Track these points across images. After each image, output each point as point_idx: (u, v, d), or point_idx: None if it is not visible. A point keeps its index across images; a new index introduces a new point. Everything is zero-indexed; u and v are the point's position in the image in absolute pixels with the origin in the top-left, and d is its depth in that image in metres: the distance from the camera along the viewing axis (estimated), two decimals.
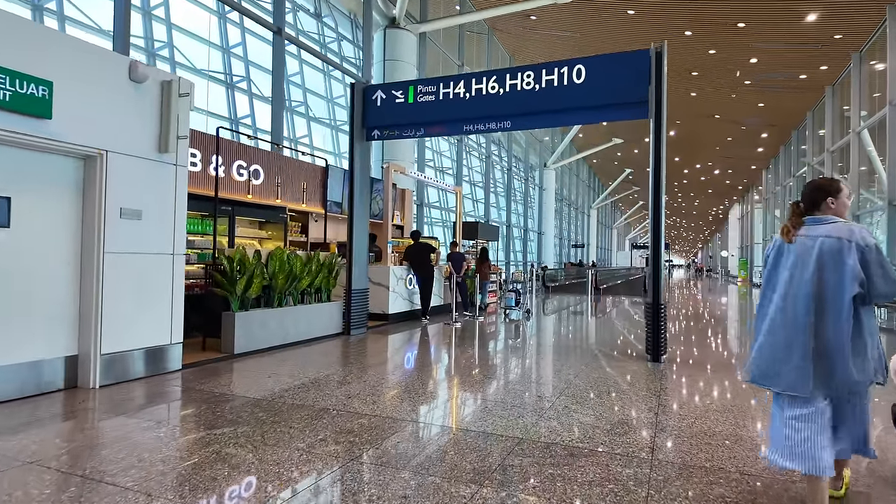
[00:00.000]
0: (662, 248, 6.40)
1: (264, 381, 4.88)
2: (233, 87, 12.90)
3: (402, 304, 9.64)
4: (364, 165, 8.11)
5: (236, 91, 13.08)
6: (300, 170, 9.66)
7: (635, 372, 5.60)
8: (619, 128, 30.57)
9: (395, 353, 6.71)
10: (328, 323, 7.53)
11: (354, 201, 7.91)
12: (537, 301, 15.60)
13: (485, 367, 5.85)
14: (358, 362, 5.86)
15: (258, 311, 6.35)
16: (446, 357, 6.46)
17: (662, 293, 6.34)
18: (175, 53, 11.54)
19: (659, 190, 6.38)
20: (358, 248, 7.96)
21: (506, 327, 9.48)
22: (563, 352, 6.85)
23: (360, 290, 7.96)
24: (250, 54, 13.59)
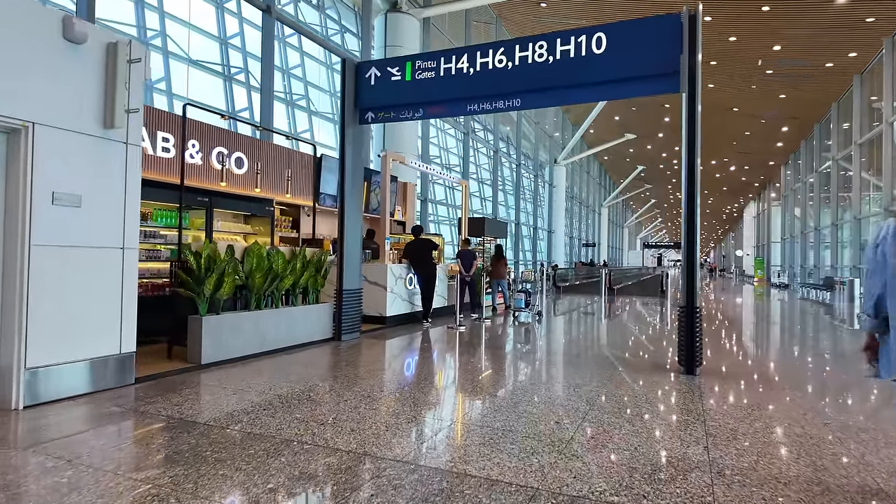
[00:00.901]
0: (697, 244, 5.52)
1: (226, 399, 4.07)
2: (230, 79, 12.17)
3: (401, 306, 8.83)
4: (357, 153, 7.31)
5: (234, 83, 12.36)
6: (291, 160, 8.88)
7: (669, 388, 4.73)
8: (631, 123, 29.58)
9: (387, 363, 5.89)
10: (316, 327, 6.73)
11: (346, 193, 7.10)
12: (548, 302, 14.72)
13: (491, 381, 5.01)
14: (343, 375, 5.04)
15: (231, 315, 5.56)
16: (446, 369, 5.62)
17: (697, 296, 5.46)
18: (168, 43, 10.84)
19: (693, 179, 5.52)
20: (350, 245, 7.15)
21: (515, 331, 8.62)
22: (581, 362, 5.99)
23: (352, 291, 7.15)
24: (249, 45, 12.86)
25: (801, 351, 7.34)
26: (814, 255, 26.70)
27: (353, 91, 7.12)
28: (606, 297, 17.12)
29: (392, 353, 6.34)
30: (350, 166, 7.14)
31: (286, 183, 8.71)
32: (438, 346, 7.04)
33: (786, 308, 15.16)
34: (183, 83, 10.67)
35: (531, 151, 29.02)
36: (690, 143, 5.52)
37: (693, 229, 5.49)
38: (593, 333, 8.72)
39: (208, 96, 11.07)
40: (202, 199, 6.90)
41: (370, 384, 4.65)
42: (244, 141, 7.93)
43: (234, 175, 7.69)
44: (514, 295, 10.63)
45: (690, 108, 5.54)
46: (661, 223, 78.65)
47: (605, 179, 49.71)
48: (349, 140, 7.14)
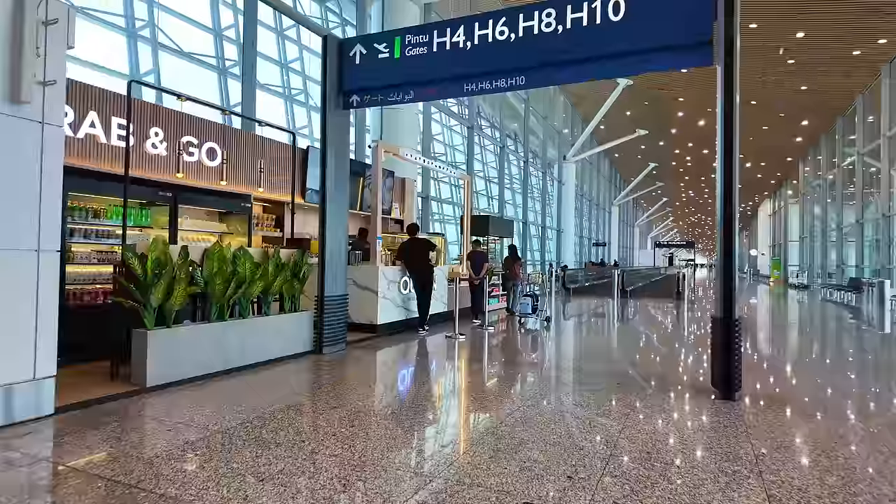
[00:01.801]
0: (735, 241, 4.64)
1: (157, 438, 3.27)
2: (225, 73, 11.42)
3: (394, 313, 8.00)
4: (341, 142, 6.49)
5: (229, 77, 11.60)
6: (274, 152, 8.09)
7: (706, 420, 3.86)
8: (643, 118, 28.56)
9: (372, 383, 5.05)
10: (293, 339, 5.92)
11: (328, 188, 6.29)
12: (557, 304, 13.84)
13: (489, 412, 4.17)
14: (313, 401, 4.23)
15: (186, 328, 4.76)
16: (436, 395, 4.78)
17: (736, 305, 4.58)
18: (158, 34, 10.10)
19: (731, 168, 4.63)
20: (333, 246, 6.34)
21: (521, 341, 7.77)
22: (597, 382, 5.13)
23: (336, 297, 6.34)
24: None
25: (858, 368, 6.42)
26: (836, 254, 25.53)
27: (336, 72, 6.31)
28: (619, 299, 16.20)
29: (378, 370, 5.51)
30: (333, 157, 6.33)
31: (268, 177, 7.92)
32: (434, 359, 6.21)
33: (813, 312, 14.15)
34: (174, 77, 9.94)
35: (539, 148, 28.10)
36: (727, 127, 4.63)
37: (730, 225, 4.61)
38: (609, 344, 7.84)
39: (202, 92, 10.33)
40: (164, 193, 6.11)
41: (342, 415, 3.82)
42: (218, 130, 7.14)
43: (205, 168, 6.90)
44: (521, 299, 9.78)
45: (727, 86, 4.64)
46: (672, 222, 77.26)
47: (616, 177, 48.62)
48: (332, 127, 6.32)
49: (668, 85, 23.63)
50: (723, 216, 4.63)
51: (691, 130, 29.97)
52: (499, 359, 6.30)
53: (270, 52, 12.82)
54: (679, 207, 63.83)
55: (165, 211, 6.25)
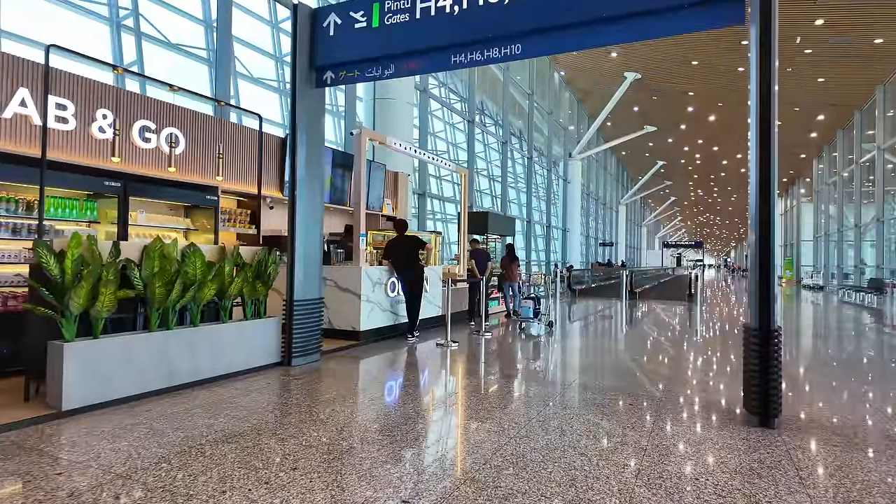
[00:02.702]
0: (775, 234, 3.84)
1: (37, 484, 2.53)
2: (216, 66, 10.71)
3: (380, 318, 7.24)
4: (314, 126, 5.74)
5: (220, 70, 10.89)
6: (249, 141, 7.35)
7: (743, 457, 3.07)
8: (652, 114, 27.69)
9: (336, 405, 4.28)
10: (257, 350, 5.18)
11: (298, 177, 5.53)
12: (562, 307, 13.03)
13: (473, 444, 3.40)
14: (261, 429, 3.47)
15: (116, 339, 4.02)
16: (414, 417, 4.01)
17: (776, 314, 3.78)
18: (142, 23, 9.41)
19: (768, 143, 3.86)
20: (304, 243, 5.59)
21: (520, 349, 7.00)
22: (608, 401, 4.34)
23: (308, 302, 5.58)
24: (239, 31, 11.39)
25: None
26: (853, 254, 24.55)
27: (307, 46, 5.56)
28: (627, 301, 15.37)
29: (346, 389, 4.74)
30: (304, 142, 5.57)
31: (243, 168, 7.19)
32: (415, 375, 5.44)
33: (838, 315, 13.26)
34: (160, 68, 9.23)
35: (544, 146, 27.29)
36: (764, 102, 3.85)
37: (767, 217, 3.82)
38: (618, 355, 7.03)
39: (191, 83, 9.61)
40: (112, 183, 5.38)
41: (285, 451, 3.06)
42: (181, 115, 6.41)
43: (165, 156, 6.17)
44: (522, 302, 9.00)
45: (763, 52, 3.86)
46: (680, 222, 76.12)
47: (623, 176, 47.70)
48: (303, 109, 5.57)
49: (677, 78, 22.76)
50: (758, 206, 3.84)
51: (701, 126, 29.07)
52: (493, 372, 5.52)
53: (265, 45, 12.12)
54: (687, 207, 62.75)
55: (112, 203, 5.52)
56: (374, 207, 9.74)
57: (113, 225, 5.55)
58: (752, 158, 3.93)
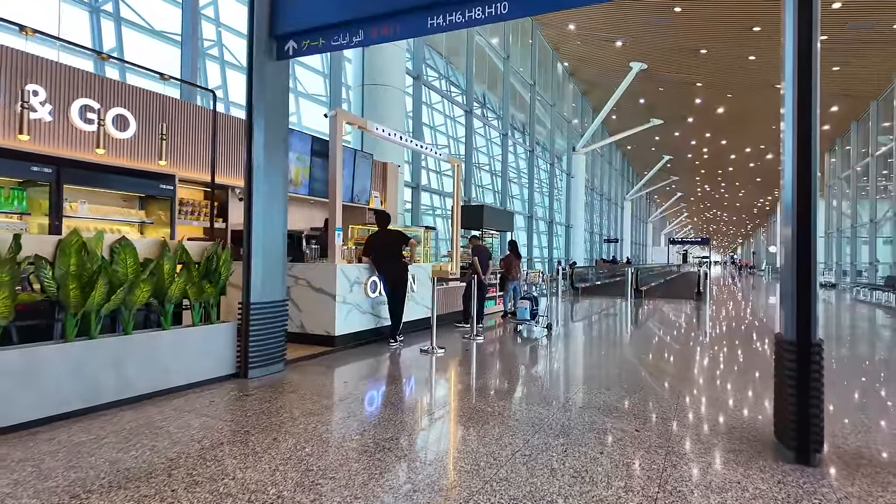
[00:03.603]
0: (815, 224, 3.12)
1: None
2: (203, 55, 10.05)
3: (358, 321, 6.56)
4: (276, 104, 5.04)
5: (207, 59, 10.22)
6: (210, 124, 6.67)
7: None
8: (658, 107, 26.86)
9: (288, 431, 3.59)
10: (205, 360, 4.50)
11: (255, 162, 4.85)
12: (564, 306, 12.32)
13: (445, 491, 2.70)
14: (176, 465, 2.79)
15: (10, 352, 3.34)
16: (375, 449, 3.32)
17: (817, 325, 3.06)
18: (121, 7, 8.76)
19: (808, 112, 3.16)
20: (263, 238, 4.90)
21: (515, 355, 6.30)
22: (610, 426, 3.64)
23: (267, 305, 4.90)
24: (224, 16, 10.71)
25: None
26: (868, 251, 23.67)
27: (266, 11, 4.86)
28: (633, 300, 14.63)
29: (305, 408, 4.05)
30: (263, 123, 4.88)
31: (208, 155, 6.52)
32: (390, 389, 4.76)
33: (860, 315, 12.48)
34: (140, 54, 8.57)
35: (547, 139, 26.50)
36: (804, 51, 3.14)
37: (807, 201, 3.10)
38: (625, 363, 6.32)
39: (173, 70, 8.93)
40: (40, 169, 4.71)
41: (194, 500, 2.38)
42: (130, 94, 5.73)
43: (112, 140, 5.50)
44: (519, 302, 8.30)
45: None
46: (686, 218, 75.10)
47: (629, 171, 46.81)
48: (262, 84, 4.88)
49: (684, 68, 21.92)
50: (795, 196, 3.12)
51: (709, 119, 28.21)
52: (477, 387, 4.83)
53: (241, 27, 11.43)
54: (694, 202, 61.78)
55: (43, 191, 4.86)
56: (359, 200, 9.06)
57: (39, 215, 4.89)
58: (786, 137, 3.22)
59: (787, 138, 3.21)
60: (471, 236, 9.14)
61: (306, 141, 7.79)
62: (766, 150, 33.36)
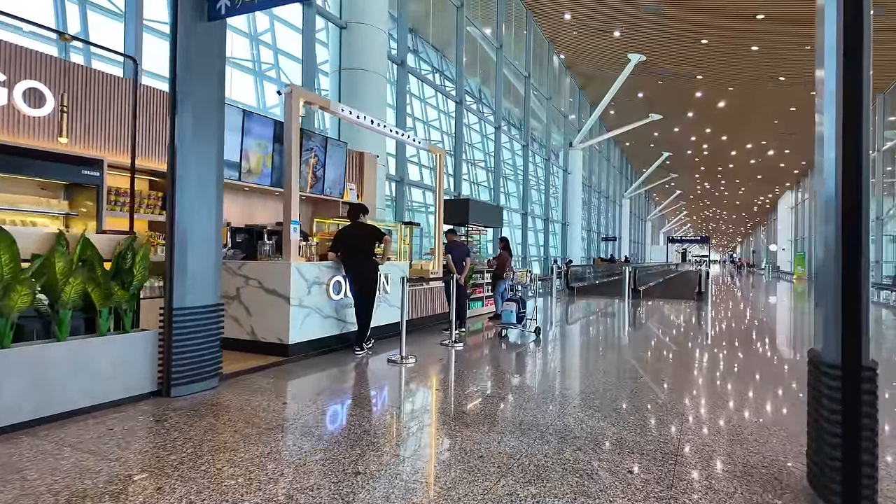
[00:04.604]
0: (867, 224, 2.37)
1: None
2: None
3: (319, 327, 5.80)
4: (207, 74, 4.28)
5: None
6: (156, 104, 5.91)
7: None
8: (657, 101, 26.12)
9: (183, 475, 2.85)
10: (114, 377, 3.75)
11: (180, 144, 4.09)
12: (557, 308, 11.59)
13: None
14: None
15: None
16: (310, 492, 2.58)
17: (867, 343, 2.32)
18: None
19: (858, 75, 2.40)
20: (192, 231, 4.15)
21: (496, 367, 5.56)
22: (599, 466, 2.90)
23: (196, 311, 4.15)
24: None
25: None
26: (874, 249, 22.96)
27: None
28: (631, 300, 13.90)
29: (230, 439, 3.30)
30: (193, 97, 4.13)
31: (156, 139, 5.76)
32: (339, 413, 4.01)
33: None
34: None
35: (543, 135, 25.74)
36: None
37: (856, 196, 2.36)
38: (621, 376, 5.57)
39: None
40: None
41: None
42: (46, 64, 4.97)
43: (23, 118, 4.74)
44: (504, 304, 7.56)
45: None
46: (685, 216, 74.42)
47: (627, 168, 46.08)
48: (190, 51, 4.12)
49: (684, 59, 21.17)
50: (840, 184, 2.38)
51: (709, 113, 27.47)
52: (445, 408, 4.09)
53: None
54: (693, 201, 61.07)
55: None
56: (332, 193, 8.31)
57: None
58: (826, 109, 2.49)
59: (827, 110, 2.47)
60: (447, 230, 8.38)
61: (267, 125, 7.04)
62: (768, 147, 32.63)
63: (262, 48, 12.29)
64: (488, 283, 9.72)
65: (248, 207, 7.41)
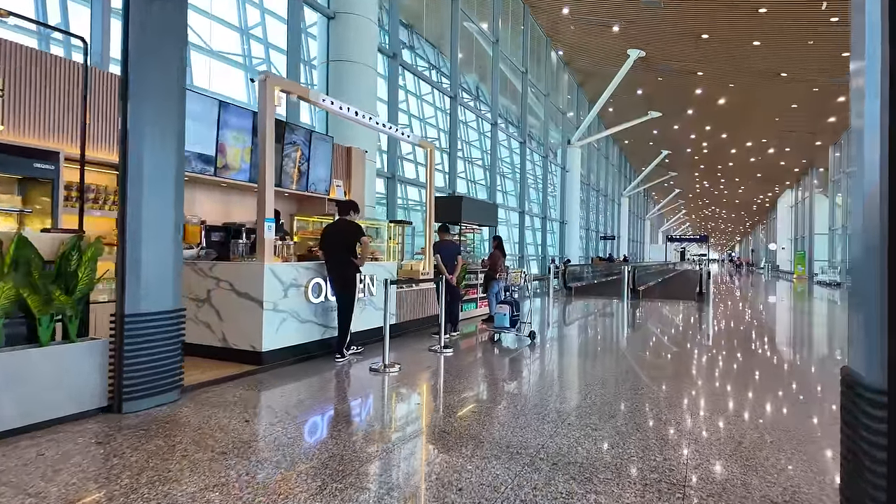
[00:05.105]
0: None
1: None
2: None
3: (296, 333, 5.41)
4: (166, 54, 3.89)
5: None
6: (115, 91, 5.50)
7: None
8: (656, 98, 25.74)
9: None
10: (57, 391, 3.36)
11: (132, 131, 3.69)
12: (554, 309, 11.21)
13: None
14: None
15: None
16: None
17: None
18: None
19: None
20: (147, 229, 3.75)
21: (486, 376, 5.17)
22: (609, 497, 2.52)
23: (152, 317, 3.76)
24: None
25: None
26: None
27: None
28: (630, 301, 13.53)
29: (174, 468, 2.91)
30: (148, 80, 3.73)
31: (106, 128, 5.36)
32: (306, 431, 3.62)
33: None
34: None
35: (541, 132, 25.34)
36: None
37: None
38: (621, 386, 5.19)
39: None
40: None
41: None
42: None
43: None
44: (497, 307, 7.18)
45: None
46: (684, 215, 74.13)
47: (626, 166, 45.70)
48: (142, 27, 3.72)
49: (684, 55, 20.78)
50: (884, 167, 1.98)
51: (709, 110, 27.09)
52: (425, 424, 3.71)
53: None
54: (692, 199, 60.75)
55: None
56: (316, 189, 7.91)
57: None
58: (869, 98, 2.07)
59: (870, 87, 2.07)
60: (439, 227, 7.99)
61: (246, 117, 6.64)
62: (768, 144, 32.27)
63: (253, 43, 11.89)
64: (482, 283, 9.33)
65: (226, 205, 7.01)
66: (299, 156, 7.60)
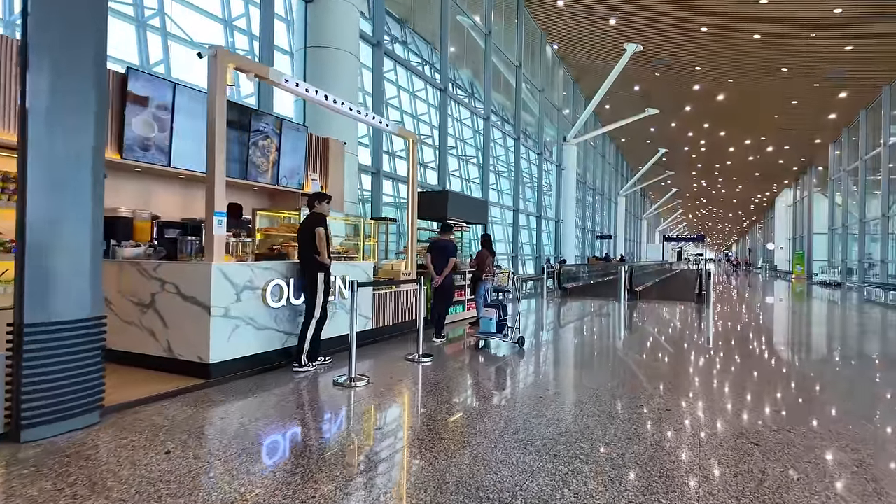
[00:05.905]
0: None
1: None
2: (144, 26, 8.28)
3: (253, 341, 4.81)
4: (79, 17, 3.29)
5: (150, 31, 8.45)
6: None
7: None
8: (654, 95, 25.20)
9: None
10: None
11: (32, 109, 3.10)
12: (547, 311, 10.63)
13: None
14: None
15: None
16: None
17: None
18: None
19: None
20: (53, 226, 3.16)
21: (468, 390, 4.58)
22: None
23: (57, 327, 3.16)
24: None
25: None
26: (879, 248, 22.13)
27: None
28: (627, 302, 12.97)
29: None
30: (54, 48, 3.14)
31: None
32: (253, 467, 3.03)
33: (890, 321, 10.86)
34: None
35: (535, 128, 24.77)
36: None
37: None
38: (618, 405, 4.61)
39: None
40: None
41: None
42: None
43: None
44: (483, 311, 6.60)
45: None
46: (681, 215, 73.69)
47: (623, 165, 45.20)
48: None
49: (683, 49, 20.23)
50: None
51: (708, 107, 26.58)
52: (394, 460, 3.13)
53: None
54: (689, 199, 60.30)
55: None
56: (289, 183, 7.32)
57: None
58: None
59: None
60: (442, 225, 7.39)
61: (204, 101, 6.02)
62: (767, 142, 31.78)
63: (237, 35, 11.29)
64: (469, 285, 8.75)
65: (185, 198, 6.41)
66: (274, 147, 7.02)
